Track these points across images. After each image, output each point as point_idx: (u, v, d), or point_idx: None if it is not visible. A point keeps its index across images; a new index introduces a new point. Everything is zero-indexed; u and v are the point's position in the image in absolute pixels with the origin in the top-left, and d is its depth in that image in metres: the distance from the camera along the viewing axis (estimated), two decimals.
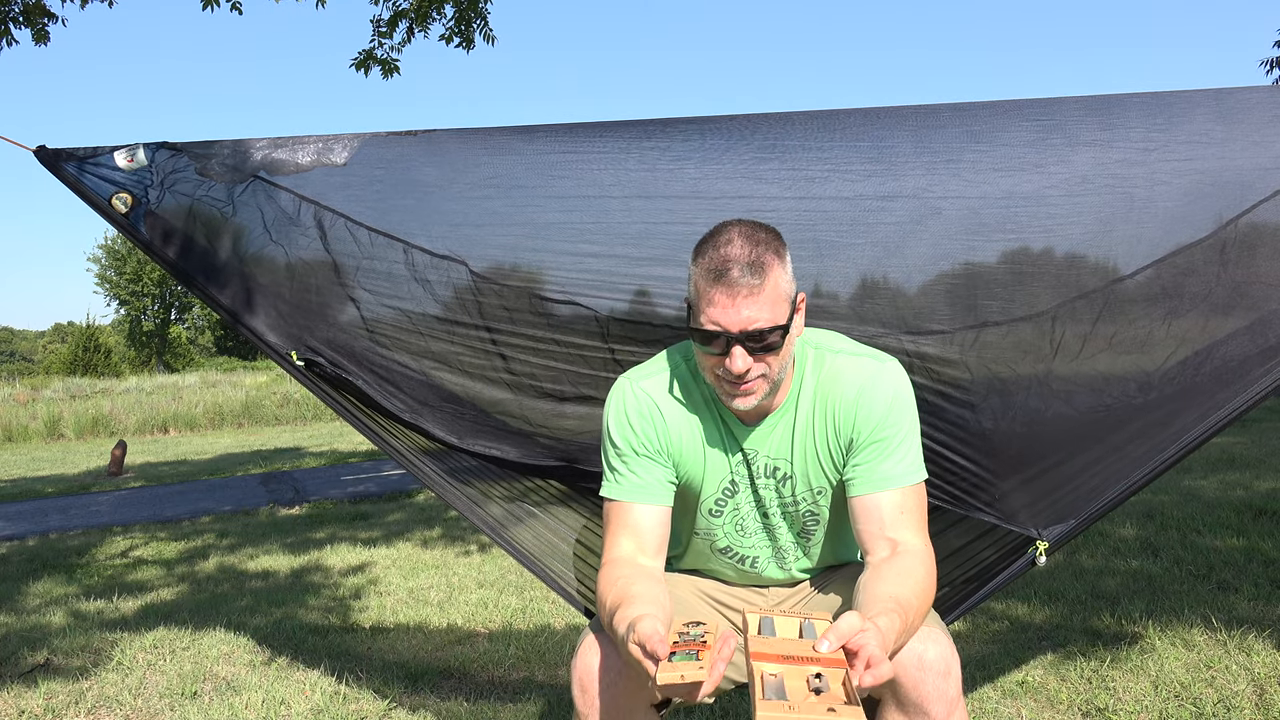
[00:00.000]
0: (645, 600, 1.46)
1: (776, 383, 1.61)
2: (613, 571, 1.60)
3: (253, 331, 2.19)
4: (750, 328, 1.50)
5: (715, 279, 1.51)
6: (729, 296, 1.50)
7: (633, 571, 1.59)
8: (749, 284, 1.49)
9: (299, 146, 2.10)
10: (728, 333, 1.51)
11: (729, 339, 1.51)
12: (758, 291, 1.50)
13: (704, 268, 1.53)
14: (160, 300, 47.51)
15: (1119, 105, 1.89)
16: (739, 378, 1.55)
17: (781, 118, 1.99)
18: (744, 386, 1.57)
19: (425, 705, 2.89)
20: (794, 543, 1.80)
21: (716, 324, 1.51)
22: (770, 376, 1.58)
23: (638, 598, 1.47)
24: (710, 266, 1.52)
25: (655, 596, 1.50)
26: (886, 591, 1.44)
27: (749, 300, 1.50)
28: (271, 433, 16.15)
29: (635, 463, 1.69)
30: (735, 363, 1.52)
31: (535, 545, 2.25)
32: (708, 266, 1.52)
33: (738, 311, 1.50)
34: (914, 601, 1.45)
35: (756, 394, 1.59)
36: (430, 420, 2.28)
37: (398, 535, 5.89)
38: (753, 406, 1.61)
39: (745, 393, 1.58)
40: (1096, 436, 1.97)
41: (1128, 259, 1.90)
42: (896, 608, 1.39)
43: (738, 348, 1.52)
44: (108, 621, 4.06)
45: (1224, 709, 2.50)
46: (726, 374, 1.55)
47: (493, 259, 2.15)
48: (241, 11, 5.95)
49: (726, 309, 1.50)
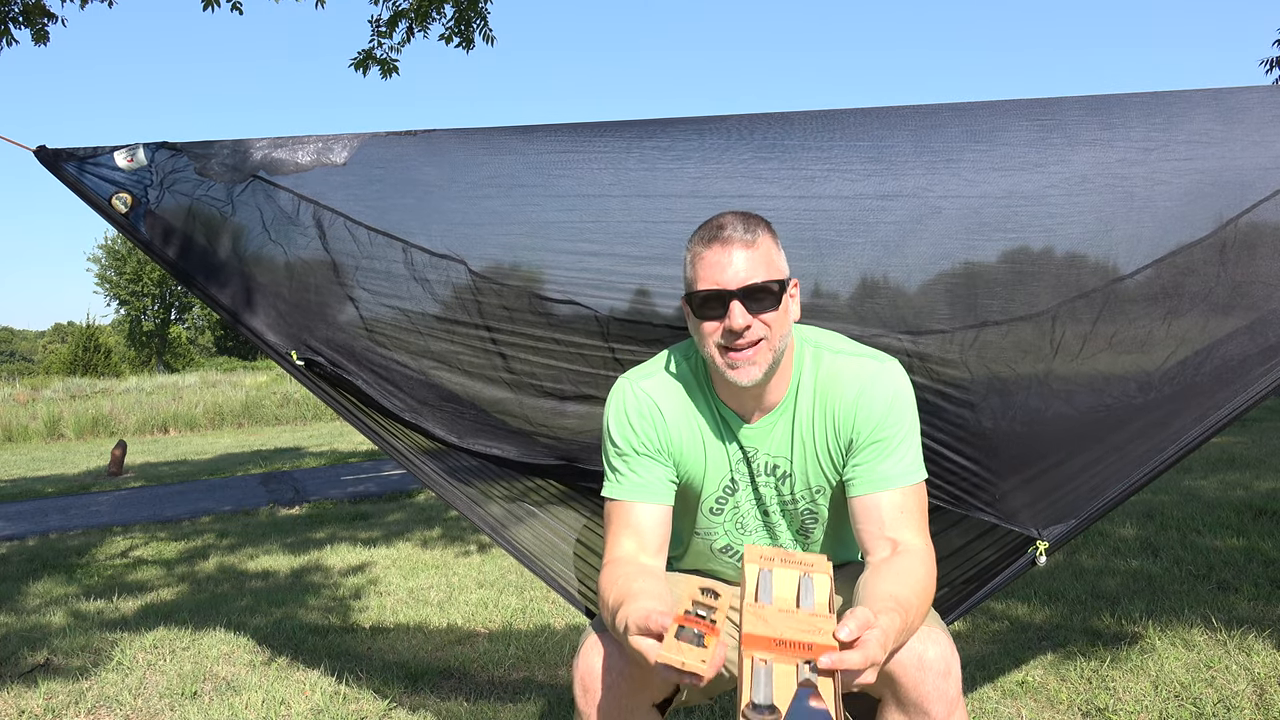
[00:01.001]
0: (647, 595, 1.46)
1: (777, 359, 1.61)
2: (614, 571, 1.60)
3: (252, 331, 2.18)
4: (748, 282, 1.54)
5: (710, 240, 1.57)
6: (724, 252, 1.55)
7: (634, 570, 1.59)
8: (743, 239, 1.56)
9: (299, 146, 2.10)
10: (725, 290, 1.54)
11: (727, 296, 1.54)
12: (751, 246, 1.56)
13: (699, 238, 1.61)
14: (160, 300, 47.52)
15: (1119, 105, 1.89)
16: (739, 337, 1.56)
17: (781, 117, 1.99)
18: (745, 353, 1.57)
19: (425, 705, 2.89)
20: (793, 541, 1.80)
21: (714, 283, 1.55)
22: (771, 343, 1.58)
23: (640, 594, 1.47)
24: (705, 234, 1.59)
25: (657, 592, 1.50)
26: (886, 591, 1.44)
27: (744, 254, 1.55)
28: (271, 433, 16.15)
29: (636, 462, 1.70)
30: (734, 319, 1.54)
31: (535, 545, 2.25)
32: (702, 235, 1.60)
33: (734, 266, 1.55)
34: (913, 601, 1.45)
35: (759, 364, 1.58)
36: (430, 419, 2.28)
37: (398, 535, 5.89)
38: (756, 380, 1.59)
39: (747, 360, 1.58)
40: (1096, 436, 1.97)
41: (1128, 258, 1.90)
42: (896, 607, 1.39)
43: (736, 304, 1.54)
44: (108, 621, 4.06)
45: (1224, 709, 2.50)
46: (728, 339, 1.56)
47: (492, 258, 2.15)
48: (242, 11, 5.96)
49: (724, 267, 1.55)
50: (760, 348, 1.57)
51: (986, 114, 1.92)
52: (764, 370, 1.59)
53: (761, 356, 1.58)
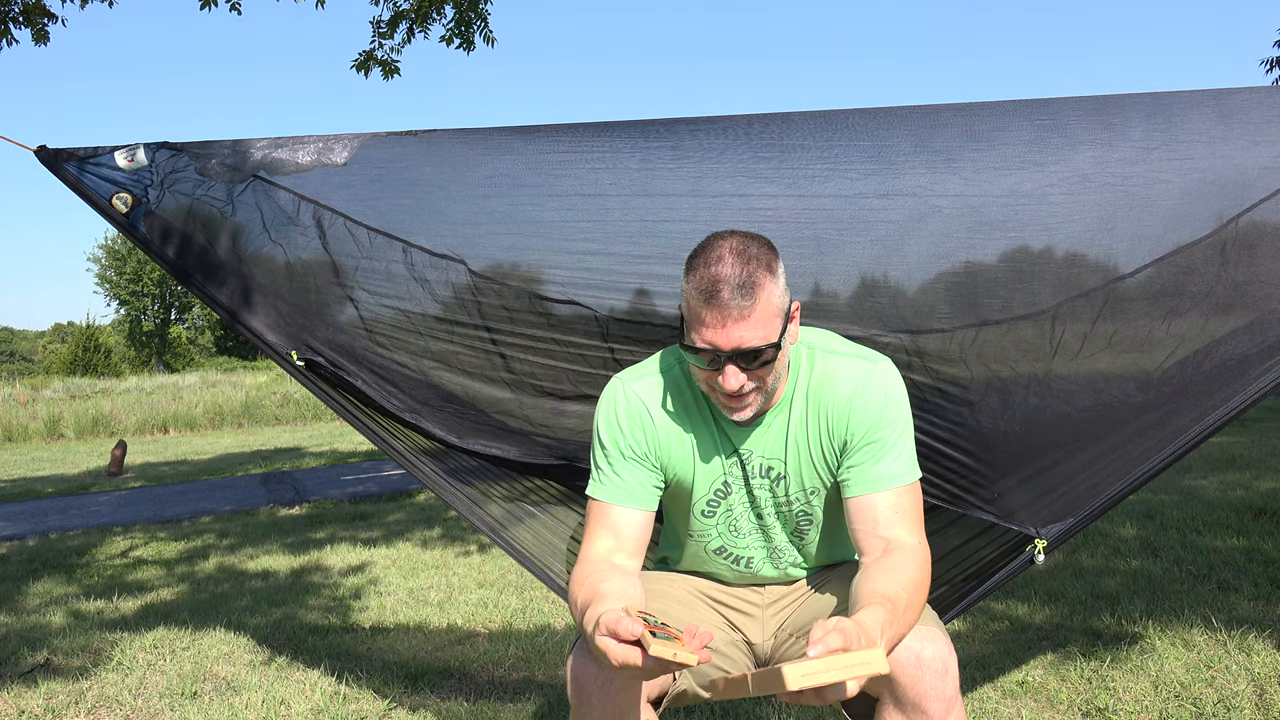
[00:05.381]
0: (615, 596, 1.46)
1: (771, 392, 1.62)
2: (585, 569, 1.61)
3: (252, 331, 2.19)
4: (743, 346, 1.51)
5: (706, 300, 1.50)
6: (720, 318, 1.50)
7: (606, 569, 1.59)
8: (739, 306, 1.49)
9: (299, 146, 2.10)
10: (720, 351, 1.51)
11: (721, 357, 1.52)
12: (749, 313, 1.50)
13: (695, 286, 1.52)
14: (160, 300, 47.51)
15: (1119, 105, 1.89)
16: (732, 394, 1.56)
17: (781, 117, 1.99)
18: (738, 401, 1.58)
19: (425, 705, 2.89)
20: (788, 542, 1.80)
21: (709, 343, 1.52)
22: (764, 389, 1.59)
23: (607, 595, 1.47)
24: (701, 287, 1.51)
25: (625, 593, 1.50)
26: (874, 589, 1.45)
27: (740, 322, 1.50)
28: (271, 433, 16.15)
29: (621, 465, 1.70)
30: (728, 381, 1.53)
31: (535, 545, 2.25)
32: (698, 286, 1.51)
33: (729, 333, 1.50)
34: (903, 596, 1.45)
35: (752, 407, 1.60)
36: (430, 419, 2.28)
37: (398, 535, 5.89)
38: (749, 418, 1.62)
39: (740, 406, 1.60)
40: (1096, 435, 1.97)
41: (1128, 258, 1.90)
42: (884, 602, 1.40)
43: (730, 366, 1.52)
44: (108, 621, 4.06)
45: (1224, 709, 2.50)
46: (721, 389, 1.56)
47: (491, 258, 2.15)
48: (240, 12, 5.96)
49: (718, 330, 1.50)
50: (753, 394, 1.59)
51: (987, 114, 1.93)
52: (757, 410, 1.62)
53: (756, 400, 1.60)
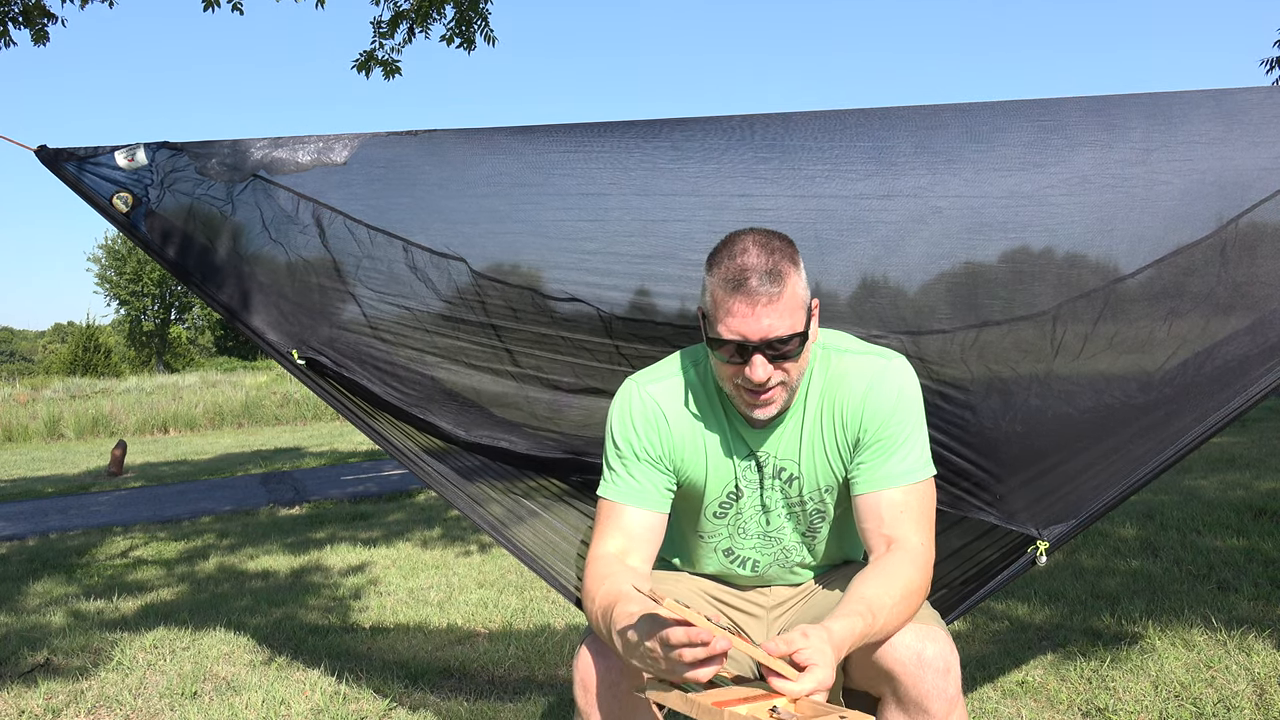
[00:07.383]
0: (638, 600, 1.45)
1: (794, 390, 1.62)
2: (601, 567, 1.60)
3: (253, 330, 2.19)
4: (771, 336, 1.50)
5: (734, 288, 1.50)
6: (749, 305, 1.49)
7: (621, 570, 1.59)
8: (768, 292, 1.49)
9: (299, 146, 2.10)
10: (748, 341, 1.51)
11: (749, 348, 1.51)
12: (777, 300, 1.50)
13: (721, 277, 1.52)
14: (160, 300, 47.48)
15: (1119, 106, 1.89)
16: (759, 386, 1.55)
17: (782, 118, 1.99)
18: (764, 396, 1.57)
19: (425, 705, 2.89)
20: (799, 542, 1.80)
21: (737, 333, 1.51)
22: (790, 384, 1.59)
23: (635, 597, 1.46)
24: (728, 276, 1.51)
25: None
26: (861, 593, 1.45)
27: (769, 309, 1.49)
28: (271, 433, 16.15)
29: (635, 467, 1.69)
30: (756, 371, 1.52)
31: (536, 544, 2.25)
32: (725, 276, 1.51)
33: (758, 320, 1.49)
34: (887, 602, 1.45)
35: (776, 403, 1.59)
36: (436, 413, 2.27)
37: (398, 535, 5.89)
38: (772, 416, 1.61)
39: (766, 402, 1.58)
40: (1097, 436, 1.97)
41: (1128, 259, 1.90)
42: (865, 610, 1.40)
43: (758, 356, 1.52)
44: (108, 621, 4.06)
45: (1224, 709, 2.50)
46: (747, 383, 1.55)
47: (492, 257, 2.15)
48: (242, 12, 5.96)
49: (746, 318, 1.50)
50: (779, 389, 1.58)
51: (987, 114, 1.92)
52: (780, 407, 1.61)
53: (780, 396, 1.59)
